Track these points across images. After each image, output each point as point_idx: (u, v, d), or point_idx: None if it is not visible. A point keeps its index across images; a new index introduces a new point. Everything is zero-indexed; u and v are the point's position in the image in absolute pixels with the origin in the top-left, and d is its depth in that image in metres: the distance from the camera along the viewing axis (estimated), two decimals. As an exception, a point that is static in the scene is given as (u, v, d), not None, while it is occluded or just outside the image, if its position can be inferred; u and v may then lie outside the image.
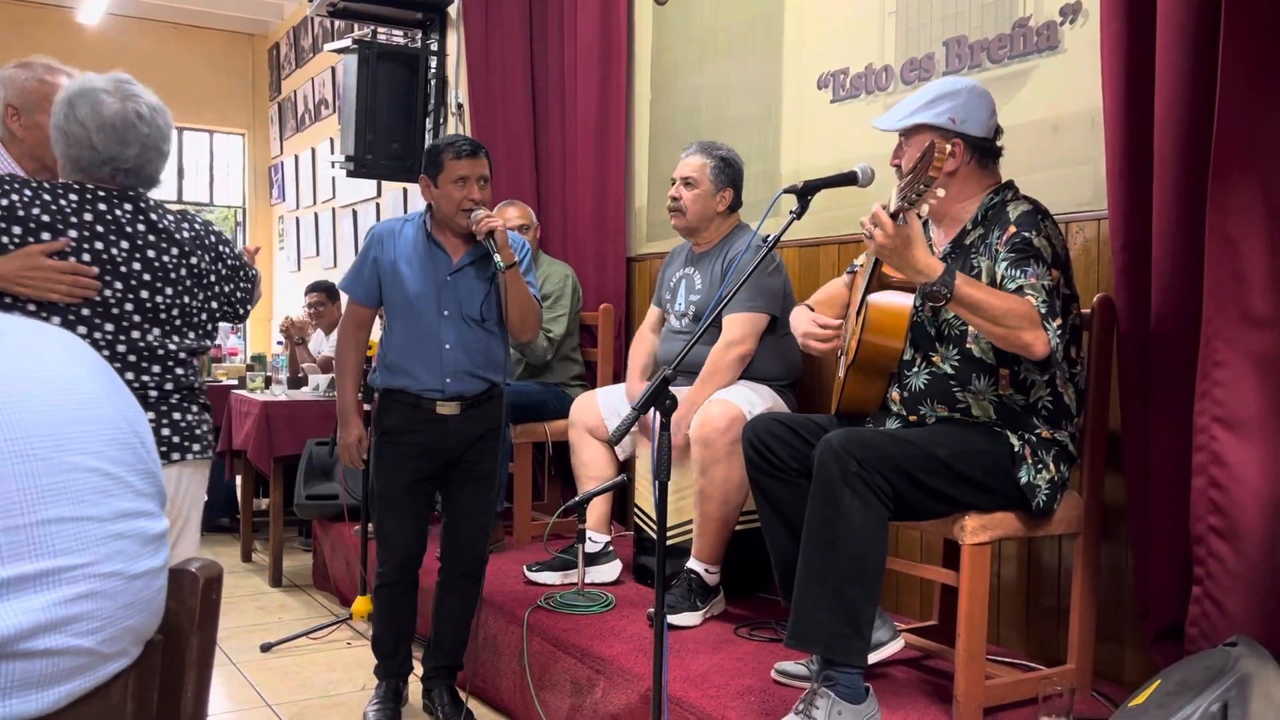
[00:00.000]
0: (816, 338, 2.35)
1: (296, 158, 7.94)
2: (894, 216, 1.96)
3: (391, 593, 2.84)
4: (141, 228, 1.97)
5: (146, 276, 1.96)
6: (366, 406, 3.15)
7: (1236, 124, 1.89)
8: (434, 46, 5.08)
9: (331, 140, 7.07)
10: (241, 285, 2.19)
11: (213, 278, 2.09)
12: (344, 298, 2.94)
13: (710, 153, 3.13)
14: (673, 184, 3.16)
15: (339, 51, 4.86)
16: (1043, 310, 2.00)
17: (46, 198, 1.89)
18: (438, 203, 2.73)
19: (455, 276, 2.74)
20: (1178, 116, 2.06)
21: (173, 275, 2.00)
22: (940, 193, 1.95)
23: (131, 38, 8.03)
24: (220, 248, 2.13)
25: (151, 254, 1.97)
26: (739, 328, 2.96)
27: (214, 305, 2.12)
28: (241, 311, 2.21)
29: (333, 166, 6.02)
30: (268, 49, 8.63)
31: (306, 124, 7.80)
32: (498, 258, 2.64)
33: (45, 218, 1.87)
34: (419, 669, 2.95)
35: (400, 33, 5.15)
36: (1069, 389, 2.17)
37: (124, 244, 1.95)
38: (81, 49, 7.51)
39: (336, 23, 7.04)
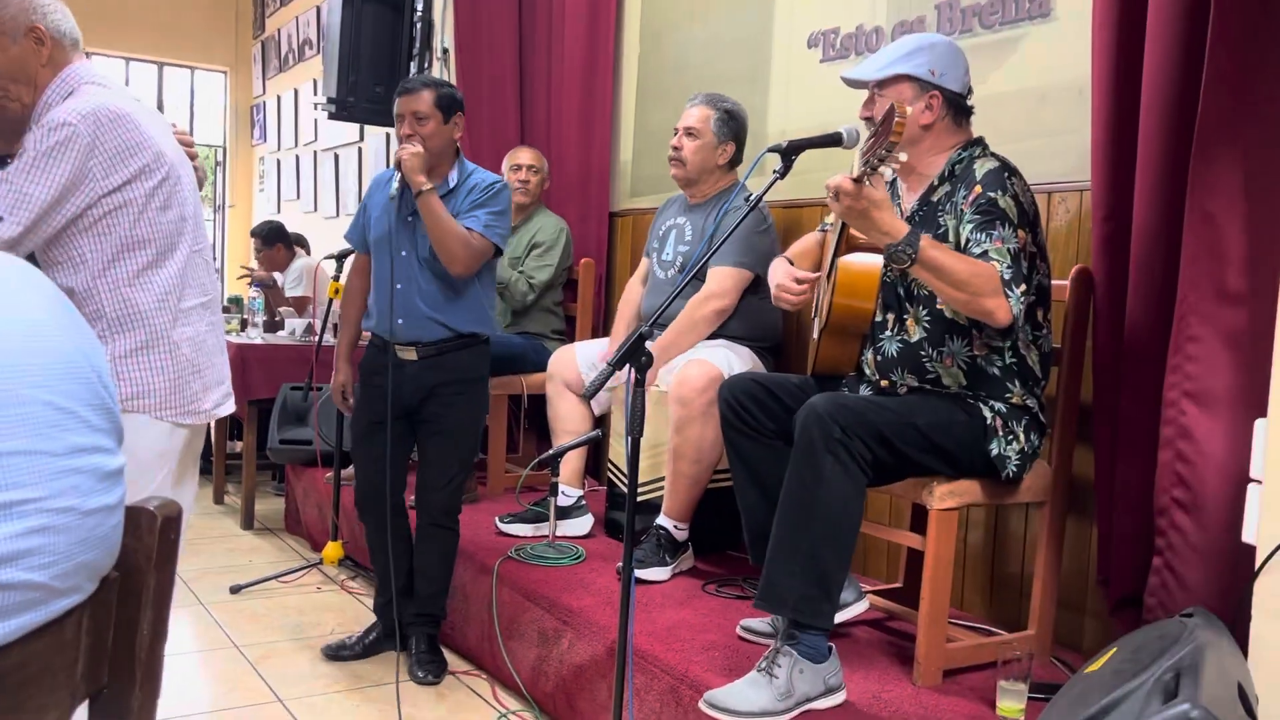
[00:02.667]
0: (789, 292, 2.31)
1: (279, 98, 7.82)
2: (858, 180, 1.95)
3: (365, 530, 2.98)
4: None
5: None
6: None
7: (1221, 101, 1.89)
8: (421, -11, 4.98)
9: (315, 81, 6.96)
10: None
11: None
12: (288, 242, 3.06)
13: (715, 104, 3.10)
14: (675, 134, 3.14)
15: (324, -10, 4.77)
16: (1006, 276, 2.00)
17: None
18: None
19: (414, 218, 2.76)
20: (1165, 90, 2.06)
21: None
22: (902, 157, 1.93)
23: (111, -31, 7.85)
24: None
25: None
26: (721, 281, 2.95)
27: None
28: None
29: (315, 108, 5.93)
30: (252, -15, 8.46)
31: (290, 64, 7.67)
32: (397, 187, 2.69)
33: None
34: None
35: (387, -26, 5.05)
36: (1032, 352, 2.18)
37: None
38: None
39: (323, -39, 6.90)
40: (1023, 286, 2.01)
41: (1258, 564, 1.67)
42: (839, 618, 2.20)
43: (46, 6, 1.90)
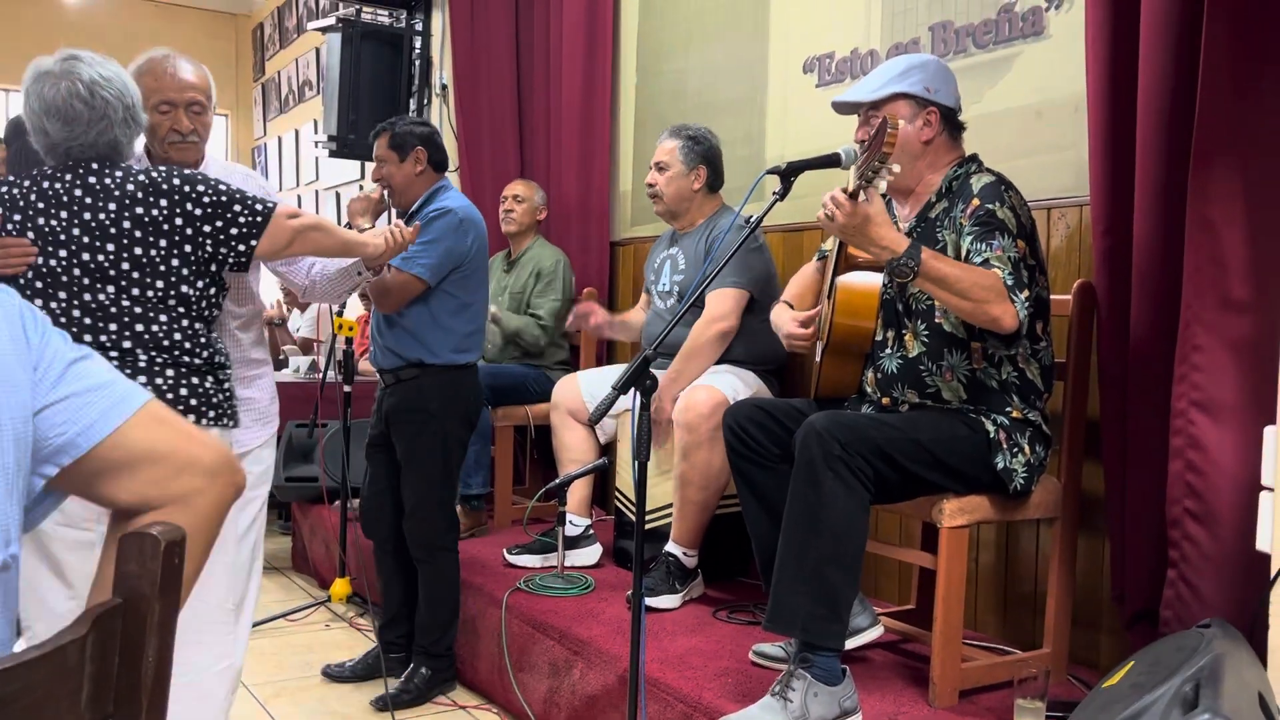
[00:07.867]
0: (799, 339, 2.37)
1: (280, 139, 7.88)
2: (853, 196, 1.96)
3: (372, 555, 3.12)
4: (78, 193, 1.97)
5: (85, 239, 1.97)
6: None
7: (1218, 111, 1.89)
8: (419, 26, 5.04)
9: (315, 122, 7.01)
10: (234, 219, 2.06)
11: (178, 222, 2.01)
12: None
13: (679, 134, 3.17)
14: (649, 171, 3.19)
15: (322, 30, 4.83)
16: (1009, 282, 2.00)
17: (2, 189, 1.98)
18: None
19: None
20: (1160, 103, 2.06)
21: (112, 231, 1.97)
22: (895, 169, 1.95)
23: (113, 17, 7.94)
24: (187, 189, 2.03)
25: (87, 215, 1.97)
26: (720, 304, 2.95)
27: (189, 250, 2.03)
28: (245, 247, 2.08)
29: (315, 146, 5.98)
30: (251, 29, 8.56)
31: (290, 105, 7.74)
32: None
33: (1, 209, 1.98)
34: None
35: (385, 12, 5.11)
36: (1032, 365, 2.18)
37: (62, 213, 1.96)
38: (63, 28, 7.44)
39: (321, 1, 6.97)
40: (1026, 292, 2.02)
41: (1273, 572, 1.65)
42: (853, 643, 2.18)
43: None
